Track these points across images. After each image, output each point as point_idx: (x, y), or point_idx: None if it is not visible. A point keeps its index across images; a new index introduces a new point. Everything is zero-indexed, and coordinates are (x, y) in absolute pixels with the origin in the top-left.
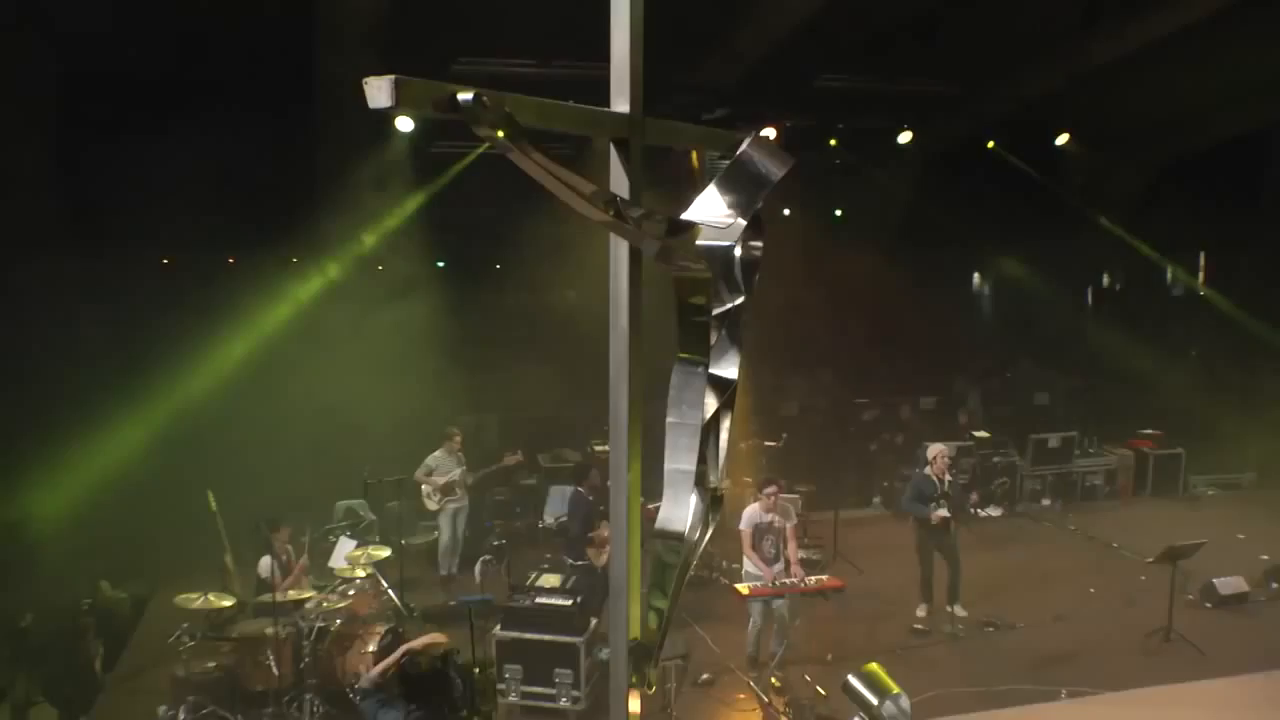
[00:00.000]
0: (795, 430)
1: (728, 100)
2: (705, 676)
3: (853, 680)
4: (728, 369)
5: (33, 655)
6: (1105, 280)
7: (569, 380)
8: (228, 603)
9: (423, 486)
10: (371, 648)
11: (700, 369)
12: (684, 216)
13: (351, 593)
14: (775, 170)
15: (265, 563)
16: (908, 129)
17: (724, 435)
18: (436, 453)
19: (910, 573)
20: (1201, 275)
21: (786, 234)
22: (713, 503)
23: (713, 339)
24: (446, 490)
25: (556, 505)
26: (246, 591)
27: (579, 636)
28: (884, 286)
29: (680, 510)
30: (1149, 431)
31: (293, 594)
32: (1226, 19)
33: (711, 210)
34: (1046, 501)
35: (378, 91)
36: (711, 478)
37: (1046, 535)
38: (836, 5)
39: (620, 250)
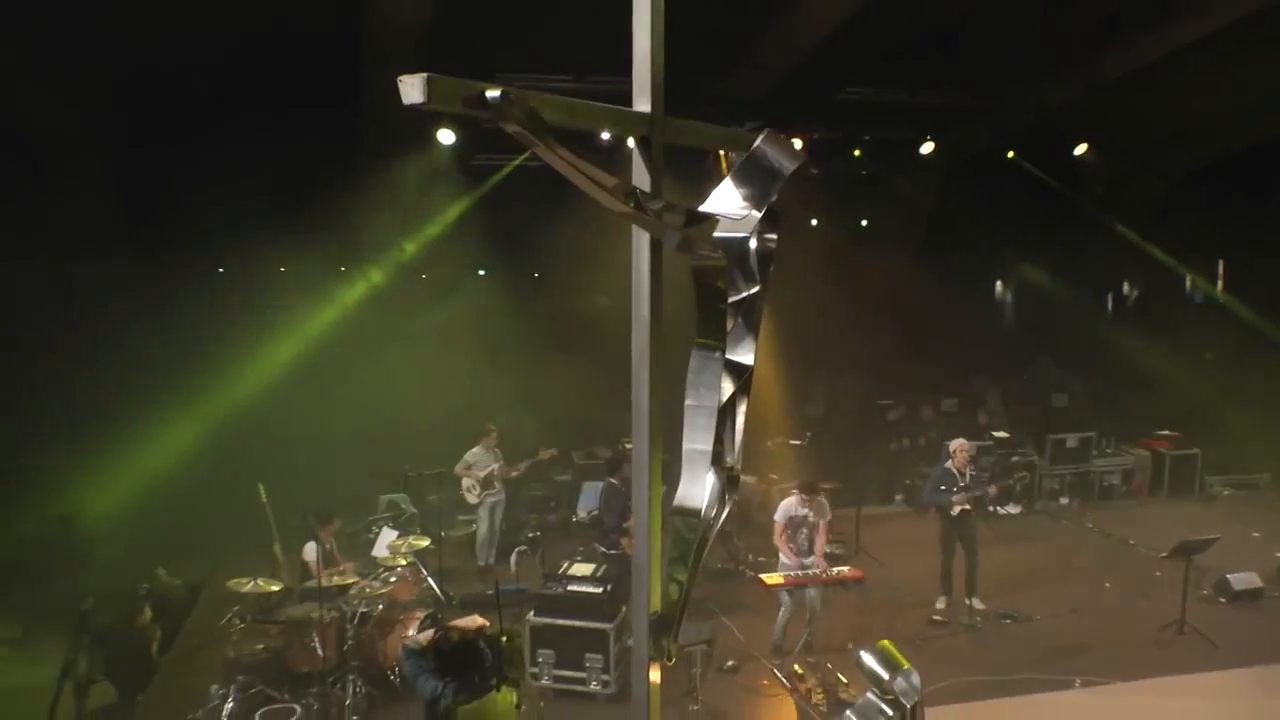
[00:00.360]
0: (820, 430)
1: (756, 112)
2: (730, 663)
3: (865, 656)
4: (744, 355)
5: (94, 637)
6: (1124, 286)
7: (601, 381)
8: (276, 587)
9: (463, 480)
10: (411, 632)
11: (717, 354)
12: (701, 209)
13: (393, 580)
14: (787, 165)
15: (310, 549)
16: (930, 139)
17: (740, 418)
18: (475, 448)
19: (929, 567)
20: (1220, 282)
21: (814, 242)
22: (729, 482)
23: (729, 326)
24: (485, 484)
25: (589, 499)
26: (293, 578)
27: (609, 623)
28: (908, 292)
29: (697, 488)
30: (1166, 433)
31: (337, 580)
32: (1241, 30)
33: (727, 203)
34: (1065, 500)
35: (411, 88)
36: (728, 458)
37: (1064, 532)
38: (860, 20)
39: (642, 243)
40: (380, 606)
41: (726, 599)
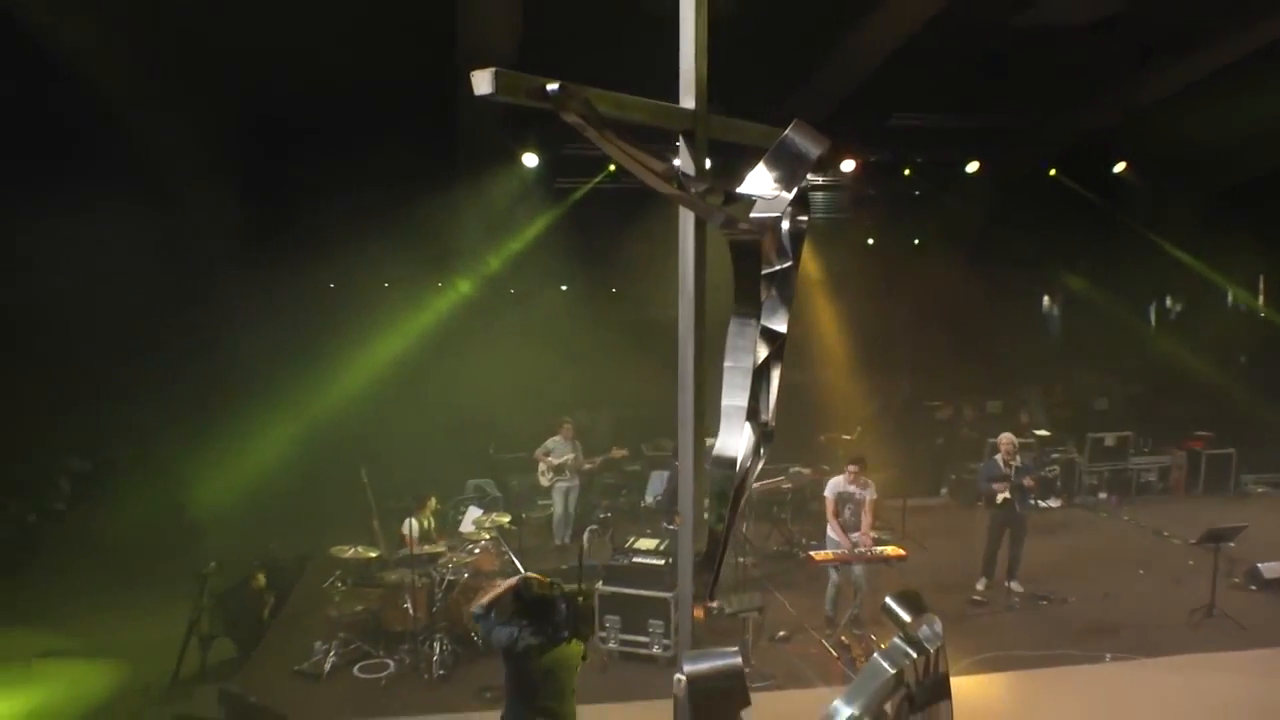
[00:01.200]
0: (872, 427)
1: None
2: (782, 634)
3: (890, 602)
4: (778, 323)
5: (215, 599)
6: (1163, 296)
7: (669, 382)
8: (374, 554)
9: (539, 465)
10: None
11: (753, 322)
12: (738, 190)
13: (477, 551)
14: (813, 150)
15: (410, 524)
16: (976, 160)
17: (774, 379)
18: (554, 438)
19: (971, 554)
20: (1261, 297)
21: (870, 258)
22: (764, 436)
23: (764, 296)
24: (558, 470)
25: (656, 486)
26: (389, 549)
27: (670, 592)
28: (957, 303)
29: (734, 440)
30: (1202, 433)
31: (428, 549)
32: (1272, 55)
33: (761, 185)
34: (1103, 495)
35: (481, 81)
36: (763, 414)
37: (1101, 525)
38: (911, 48)
39: (687, 224)
40: (465, 575)
41: (781, 577)
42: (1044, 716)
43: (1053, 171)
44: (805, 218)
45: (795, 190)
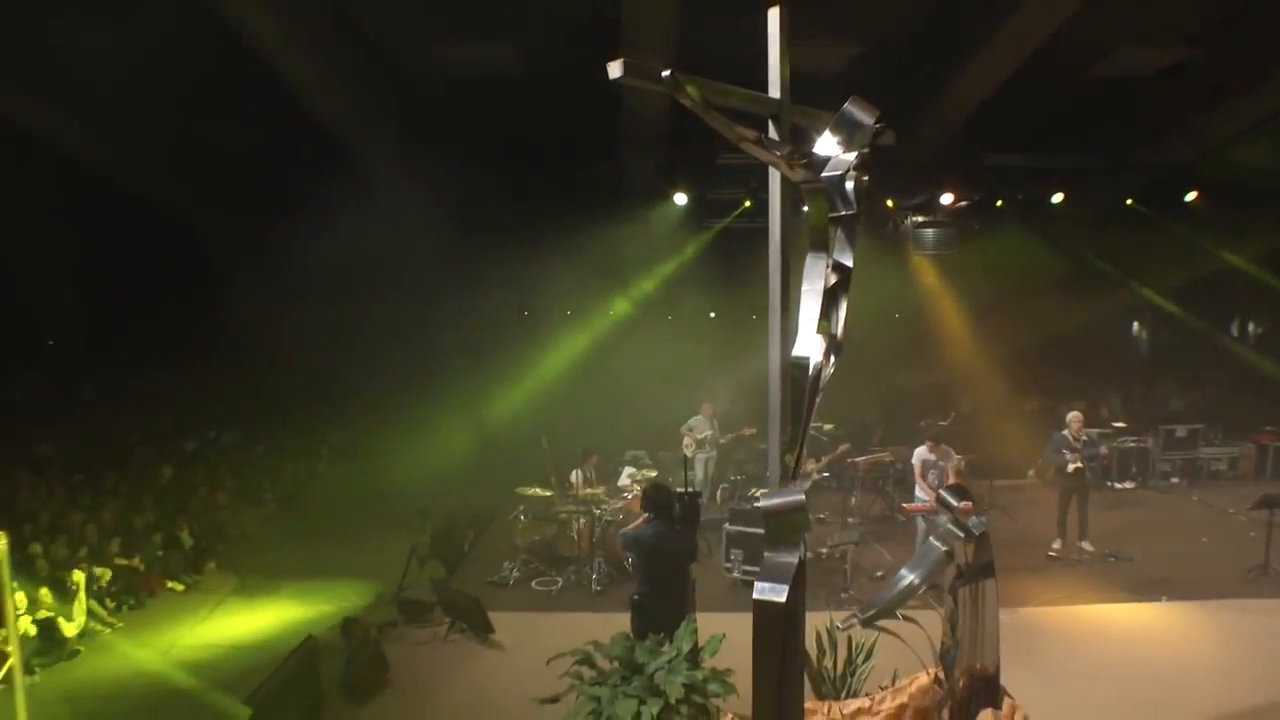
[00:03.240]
0: (970, 417)
1: (922, 174)
2: (879, 574)
3: (944, 493)
4: (845, 258)
5: (431, 532)
6: (1236, 313)
7: None
8: (548, 493)
9: (684, 438)
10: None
11: (824, 255)
12: (813, 151)
13: (629, 496)
14: (867, 118)
15: (575, 474)
16: (1061, 193)
17: (843, 304)
18: (696, 417)
19: (1049, 523)
20: None
21: (975, 281)
22: (834, 346)
23: (833, 236)
24: (699, 444)
25: None
26: (560, 494)
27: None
28: (1050, 319)
29: (809, 345)
30: (1271, 428)
31: (589, 492)
32: None
33: (828, 148)
34: (1175, 480)
35: (614, 68)
36: (833, 328)
37: (1171, 503)
38: (999, 98)
39: (775, 180)
40: (620, 515)
41: (882, 533)
42: (1098, 643)
43: (1129, 201)
44: (865, 176)
45: (856, 154)
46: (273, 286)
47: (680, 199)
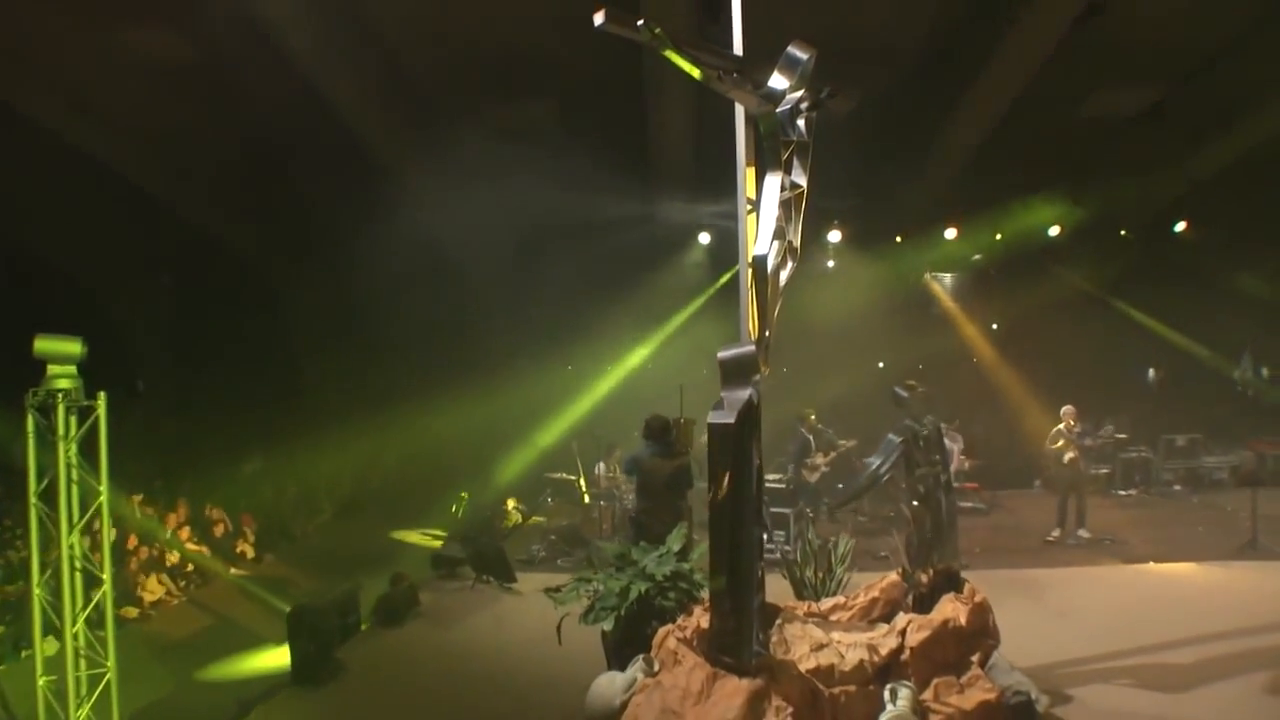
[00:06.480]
0: (969, 420)
1: (932, 208)
2: (884, 553)
3: (896, 389)
4: (799, 176)
5: (469, 522)
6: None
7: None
8: (572, 478)
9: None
10: None
11: (779, 174)
12: (767, 84)
13: None
14: (804, 55)
15: (599, 466)
16: (1057, 225)
17: (801, 214)
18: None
19: (1051, 518)
20: None
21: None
22: (790, 251)
23: (784, 159)
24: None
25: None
26: (586, 483)
27: (789, 508)
28: (1057, 340)
29: (766, 246)
30: (1269, 439)
31: (609, 479)
32: None
33: (780, 83)
34: (1177, 488)
35: (598, 17)
36: (789, 235)
37: (1172, 505)
38: (997, 138)
39: (739, 111)
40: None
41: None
42: (1083, 592)
43: (1123, 231)
44: (807, 107)
45: (801, 89)
46: (350, 337)
47: (704, 237)
